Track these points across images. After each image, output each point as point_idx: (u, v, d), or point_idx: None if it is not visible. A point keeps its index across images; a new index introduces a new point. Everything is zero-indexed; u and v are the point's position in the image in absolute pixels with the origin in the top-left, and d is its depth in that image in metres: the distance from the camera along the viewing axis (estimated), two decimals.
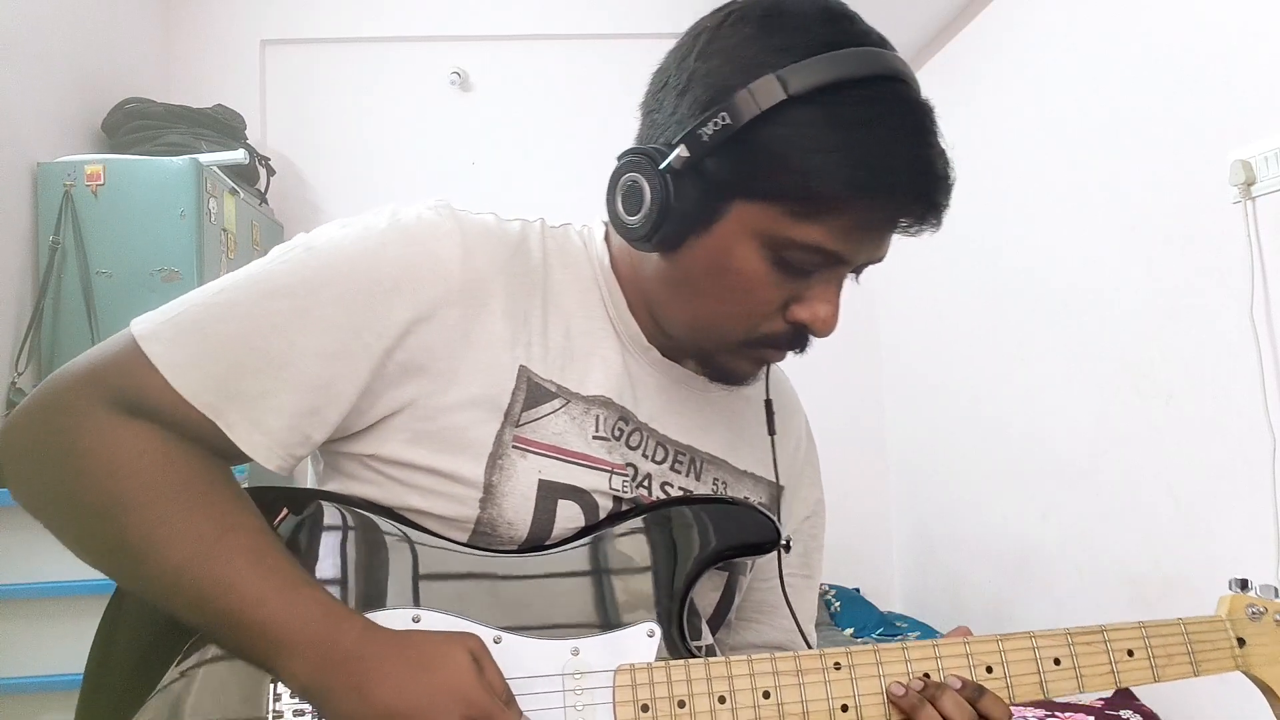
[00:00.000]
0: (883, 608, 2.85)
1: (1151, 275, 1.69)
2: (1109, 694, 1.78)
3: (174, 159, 2.38)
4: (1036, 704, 1.80)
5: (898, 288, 3.07)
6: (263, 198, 2.90)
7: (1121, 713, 1.67)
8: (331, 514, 0.72)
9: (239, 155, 2.63)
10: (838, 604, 2.76)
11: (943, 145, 0.68)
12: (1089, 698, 1.80)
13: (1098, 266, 1.86)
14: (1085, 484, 1.92)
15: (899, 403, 3.11)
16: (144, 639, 0.69)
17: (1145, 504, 1.71)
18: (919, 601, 2.95)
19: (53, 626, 1.82)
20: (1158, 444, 1.68)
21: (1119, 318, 1.79)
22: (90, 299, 2.26)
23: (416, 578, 0.70)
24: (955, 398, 2.61)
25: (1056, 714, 1.71)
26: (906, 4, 2.42)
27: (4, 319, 2.21)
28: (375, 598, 0.69)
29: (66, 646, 1.80)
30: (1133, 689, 1.75)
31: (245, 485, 0.72)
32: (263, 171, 2.90)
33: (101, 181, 2.32)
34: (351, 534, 0.71)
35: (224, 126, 2.74)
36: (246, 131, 2.85)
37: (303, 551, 0.69)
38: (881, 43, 0.69)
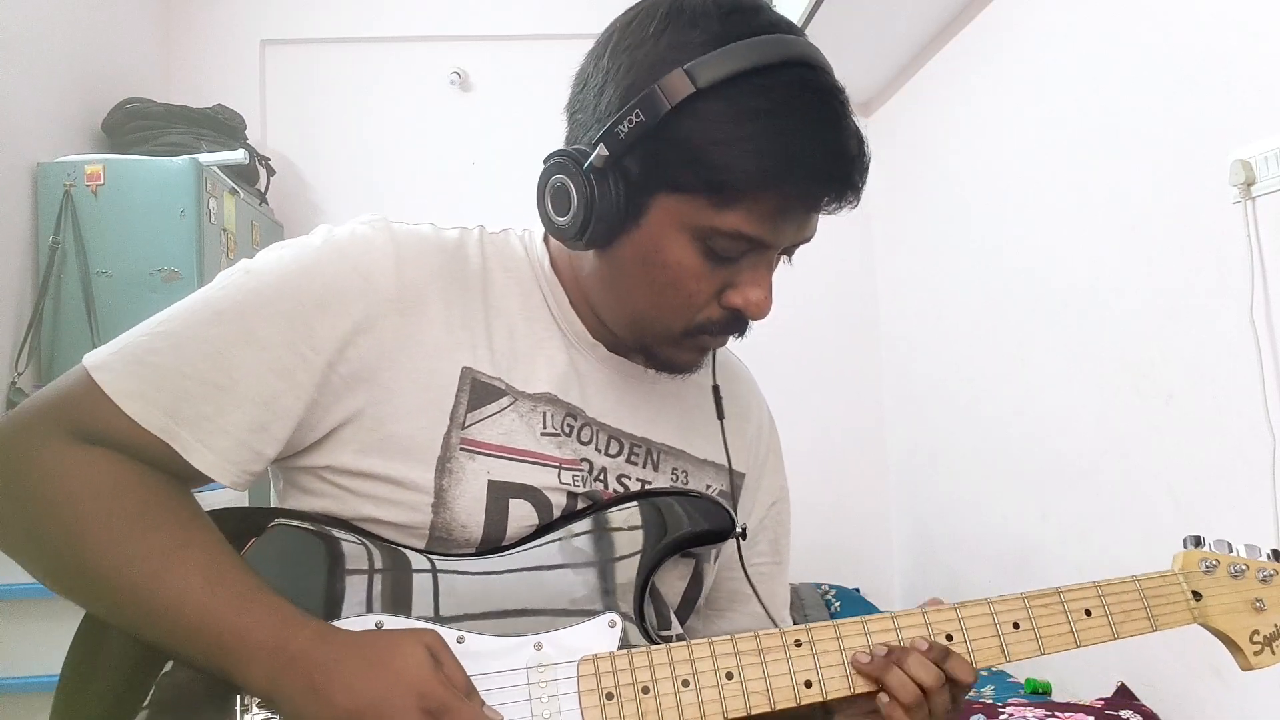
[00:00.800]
0: (883, 608, 2.84)
1: (1151, 275, 1.69)
2: (1109, 694, 1.78)
3: (174, 159, 2.38)
4: (1037, 704, 1.80)
5: (898, 288, 3.07)
6: (263, 198, 2.91)
7: (1121, 713, 1.67)
8: (290, 530, 0.73)
9: (239, 155, 2.63)
10: (838, 604, 2.76)
11: (855, 125, 0.70)
12: (1089, 697, 1.80)
13: (1098, 266, 1.86)
14: (1085, 484, 1.92)
15: (899, 403, 3.11)
16: (118, 653, 0.70)
17: (1145, 504, 1.71)
18: (919, 601, 2.94)
19: (53, 626, 1.82)
20: (1158, 444, 1.67)
21: (1119, 318, 1.79)
22: (90, 299, 2.26)
23: (376, 586, 0.71)
24: (955, 398, 2.61)
25: (1056, 714, 1.71)
26: (906, 4, 2.42)
27: (4, 319, 2.21)
28: (337, 608, 0.70)
29: (66, 647, 1.80)
30: (1131, 689, 1.75)
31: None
32: (263, 171, 2.90)
33: (101, 181, 2.32)
34: (311, 548, 0.72)
35: (224, 126, 2.75)
36: (246, 131, 2.85)
37: (262, 569, 0.69)
38: (790, 29, 0.71)
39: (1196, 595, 0.80)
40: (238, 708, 0.66)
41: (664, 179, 0.69)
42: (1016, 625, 0.76)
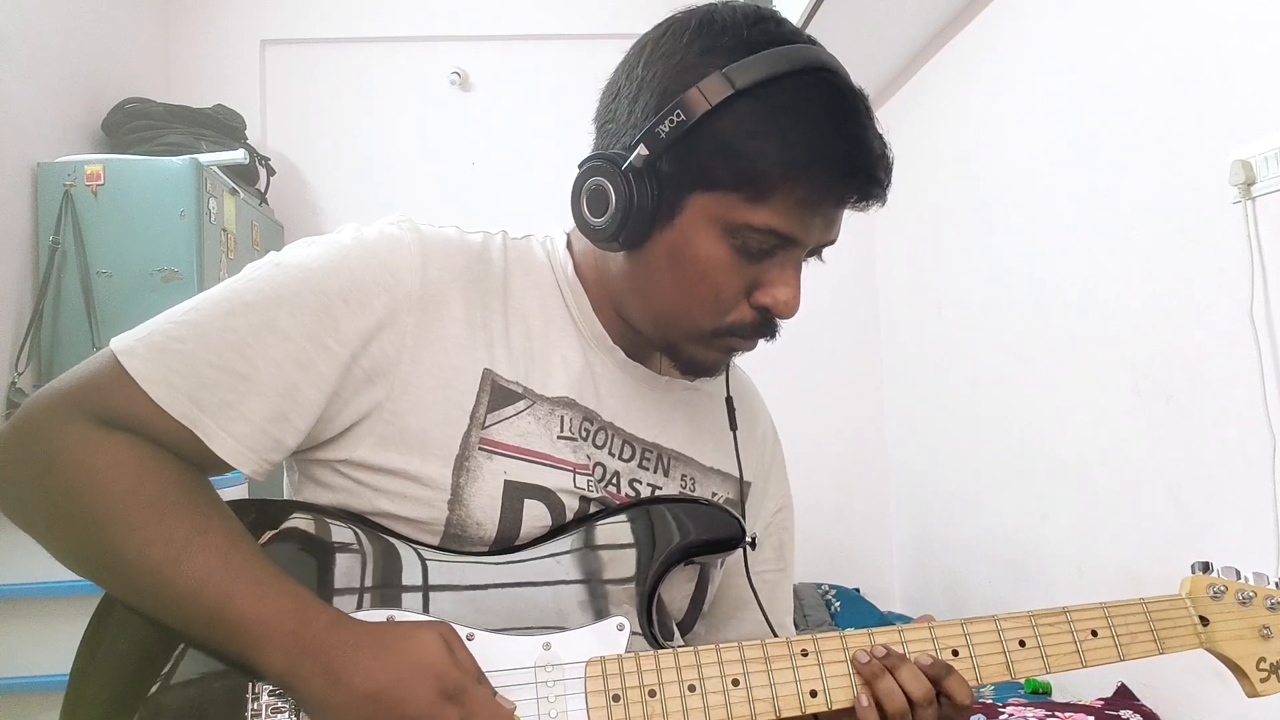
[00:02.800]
0: (883, 608, 2.85)
1: (1151, 275, 1.69)
2: (1109, 694, 1.78)
3: (174, 159, 2.38)
4: (1037, 704, 1.80)
5: (898, 287, 3.07)
6: (263, 198, 2.91)
7: (1121, 713, 1.67)
8: (305, 522, 0.73)
9: (239, 155, 2.63)
10: (838, 604, 2.76)
11: (877, 128, 0.73)
12: (1089, 697, 1.80)
13: (1098, 266, 1.86)
14: (1085, 484, 1.92)
15: (899, 403, 3.11)
16: (128, 648, 0.70)
17: (1145, 504, 1.71)
18: (919, 602, 2.95)
19: (53, 626, 1.82)
20: (1158, 444, 1.67)
21: (1119, 318, 1.79)
22: (90, 299, 2.26)
23: (389, 581, 0.72)
24: (955, 398, 2.61)
25: (1056, 714, 1.71)
26: (905, 5, 2.42)
27: (4, 319, 2.21)
28: (349, 603, 0.71)
29: (66, 646, 1.79)
30: (1131, 689, 1.75)
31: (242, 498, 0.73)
32: (263, 171, 2.90)
33: (101, 181, 2.32)
34: (324, 541, 0.73)
35: (224, 126, 2.75)
36: (246, 131, 2.85)
37: (277, 562, 0.70)
38: (810, 40, 0.75)
39: (1203, 620, 0.80)
40: (249, 695, 0.67)
41: (700, 177, 0.72)
42: (1023, 643, 0.76)
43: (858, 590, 2.91)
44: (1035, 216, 2.11)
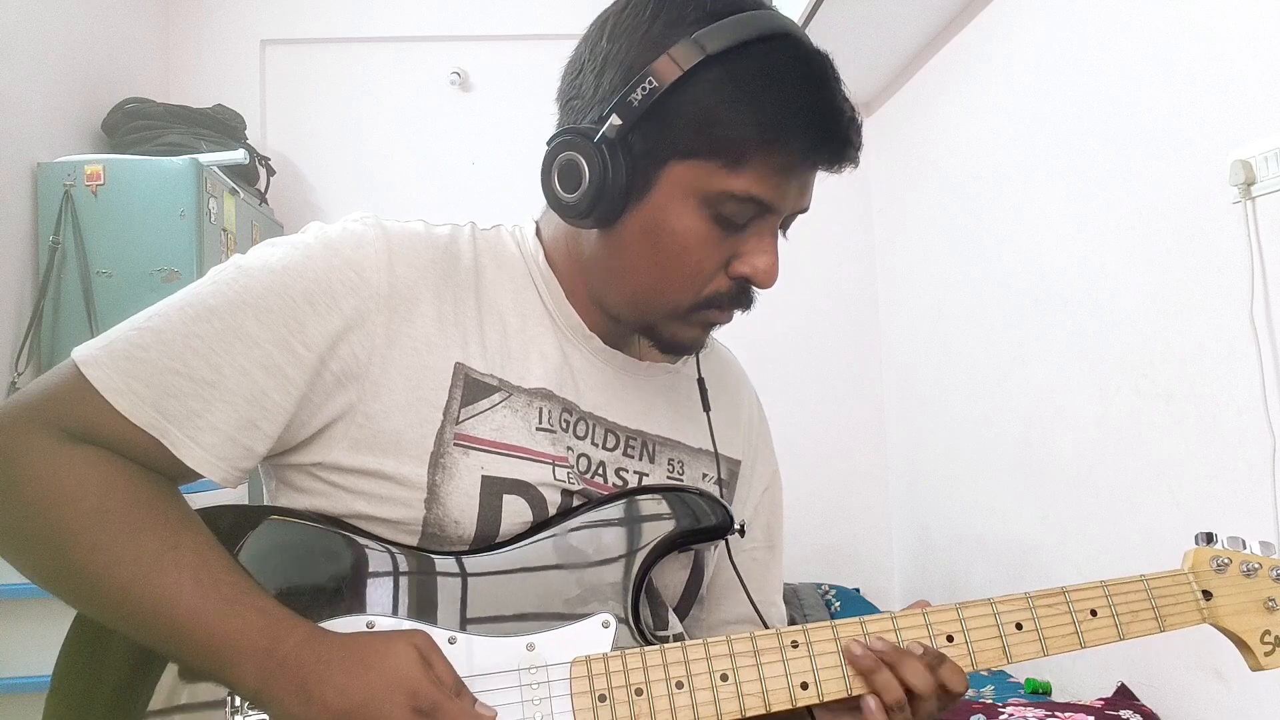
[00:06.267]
0: (883, 608, 2.85)
1: (1151, 275, 1.69)
2: (1109, 694, 1.78)
3: (174, 159, 2.38)
4: (1037, 704, 1.80)
5: (898, 288, 3.07)
6: (263, 198, 2.91)
7: (1121, 713, 1.67)
8: (281, 528, 0.73)
9: (239, 155, 2.63)
10: (838, 604, 2.76)
11: (845, 93, 0.74)
12: (1089, 697, 1.80)
13: (1098, 266, 1.86)
14: (1085, 484, 1.92)
15: (899, 403, 3.11)
16: (109, 657, 0.69)
17: (1145, 504, 1.71)
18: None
19: (53, 626, 1.82)
20: (1158, 444, 1.67)
21: (1119, 318, 1.79)
22: (90, 299, 2.26)
23: (368, 584, 0.71)
24: (955, 398, 2.61)
25: (1056, 714, 1.71)
26: (906, 4, 2.42)
27: (4, 319, 2.21)
28: (328, 607, 0.70)
29: None
30: (1131, 688, 1.75)
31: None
32: (263, 171, 2.90)
33: (101, 181, 2.32)
34: (302, 546, 0.72)
35: (224, 126, 2.75)
36: (246, 131, 2.85)
37: (255, 567, 0.69)
38: (772, 7, 0.75)
39: (1207, 594, 0.78)
40: (228, 710, 0.66)
41: (675, 146, 0.71)
42: (1020, 626, 0.75)
43: (858, 590, 2.91)
44: (1035, 216, 2.11)
